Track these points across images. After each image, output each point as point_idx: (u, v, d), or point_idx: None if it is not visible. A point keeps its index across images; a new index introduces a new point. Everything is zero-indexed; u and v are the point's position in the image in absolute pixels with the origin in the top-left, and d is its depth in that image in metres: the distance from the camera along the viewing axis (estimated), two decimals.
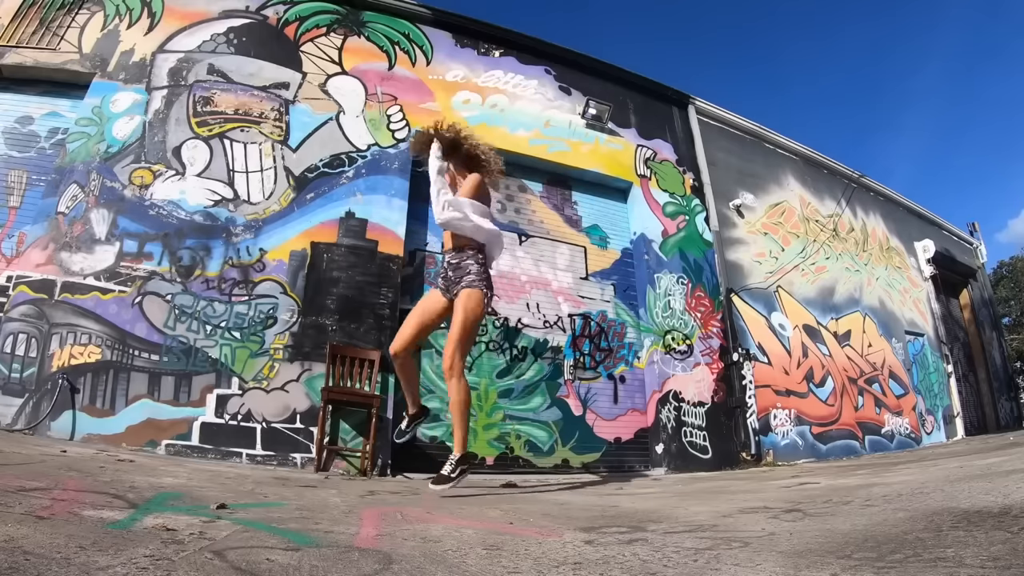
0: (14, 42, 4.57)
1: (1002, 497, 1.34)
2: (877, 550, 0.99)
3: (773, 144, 8.03)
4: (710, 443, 5.49)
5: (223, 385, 4.00)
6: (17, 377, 3.68)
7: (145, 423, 3.75)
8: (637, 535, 1.38)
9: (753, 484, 3.19)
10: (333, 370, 4.14)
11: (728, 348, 6.04)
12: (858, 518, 1.40)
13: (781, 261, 7.19)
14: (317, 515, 1.62)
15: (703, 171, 6.90)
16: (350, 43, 5.43)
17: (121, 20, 4.86)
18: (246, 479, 2.65)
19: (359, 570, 0.96)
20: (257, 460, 3.86)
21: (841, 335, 7.43)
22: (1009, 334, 17.12)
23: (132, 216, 4.25)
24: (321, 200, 4.73)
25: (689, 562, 1.04)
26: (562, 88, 6.35)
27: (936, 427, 8.15)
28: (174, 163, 4.49)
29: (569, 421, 5.10)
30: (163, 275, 4.16)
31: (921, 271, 9.34)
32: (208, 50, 4.93)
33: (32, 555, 0.84)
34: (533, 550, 1.17)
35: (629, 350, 5.70)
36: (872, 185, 9.18)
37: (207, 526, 1.26)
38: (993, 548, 0.87)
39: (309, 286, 4.44)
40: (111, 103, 4.54)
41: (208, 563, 0.92)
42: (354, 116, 5.15)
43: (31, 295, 3.88)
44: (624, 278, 5.99)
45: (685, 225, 6.46)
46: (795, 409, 6.33)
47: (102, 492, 1.62)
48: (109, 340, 3.88)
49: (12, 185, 4.33)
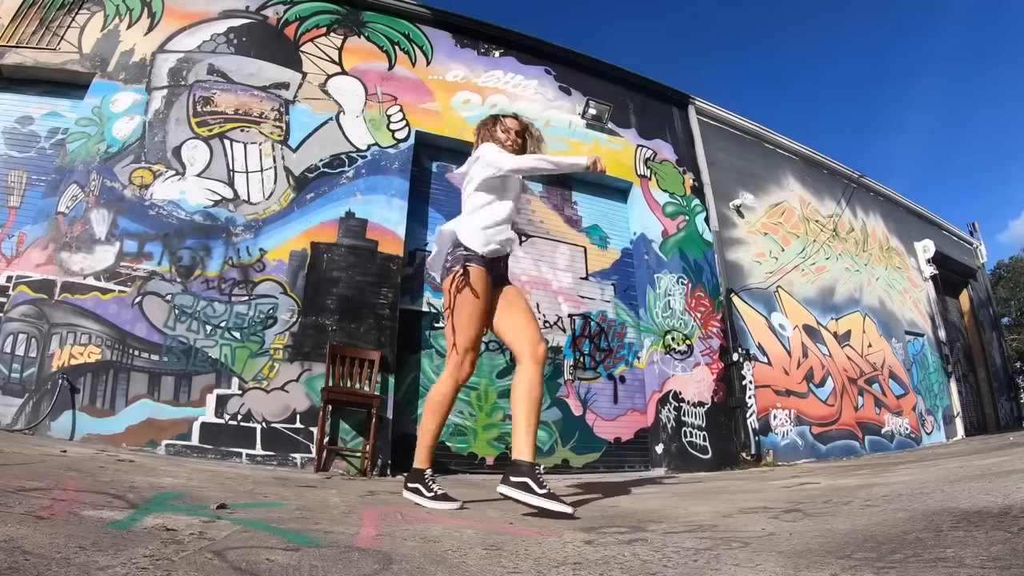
0: (14, 42, 4.57)
1: (1002, 497, 1.34)
2: (877, 550, 0.99)
3: (773, 144, 8.03)
4: (710, 443, 5.49)
5: (223, 385, 4.00)
6: (17, 377, 3.68)
7: (145, 423, 3.75)
8: (637, 535, 1.38)
9: (753, 484, 3.19)
10: (333, 370, 4.14)
11: (728, 348, 6.04)
12: (858, 518, 1.40)
13: (781, 261, 7.19)
14: (317, 515, 1.62)
15: (703, 171, 6.90)
16: (350, 43, 5.43)
17: (121, 20, 4.86)
18: (246, 479, 2.65)
19: (359, 570, 0.96)
20: (257, 460, 3.86)
21: (841, 335, 7.43)
22: (1009, 334, 17.13)
23: (132, 216, 4.25)
24: (321, 200, 4.73)
25: (689, 562, 1.04)
26: (562, 88, 6.35)
27: (936, 427, 8.15)
28: (174, 163, 4.49)
29: (569, 421, 5.10)
30: (163, 275, 4.16)
31: (921, 271, 9.33)
32: (208, 50, 4.93)
33: (32, 555, 0.84)
34: (533, 550, 1.17)
35: (629, 350, 5.70)
36: (872, 185, 9.19)
37: (207, 526, 1.26)
38: (993, 548, 0.87)
39: (309, 286, 4.44)
40: (111, 103, 4.54)
41: (208, 563, 0.92)
42: (354, 116, 5.15)
43: (31, 295, 3.87)
44: (624, 278, 5.99)
45: (685, 225, 6.46)
46: (795, 409, 6.33)
47: (102, 492, 1.62)
48: (109, 340, 3.88)
49: (12, 185, 4.33)
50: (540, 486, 1.93)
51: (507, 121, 2.57)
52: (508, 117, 2.60)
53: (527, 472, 1.98)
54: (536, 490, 1.92)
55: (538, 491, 1.92)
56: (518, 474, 1.99)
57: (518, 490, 1.96)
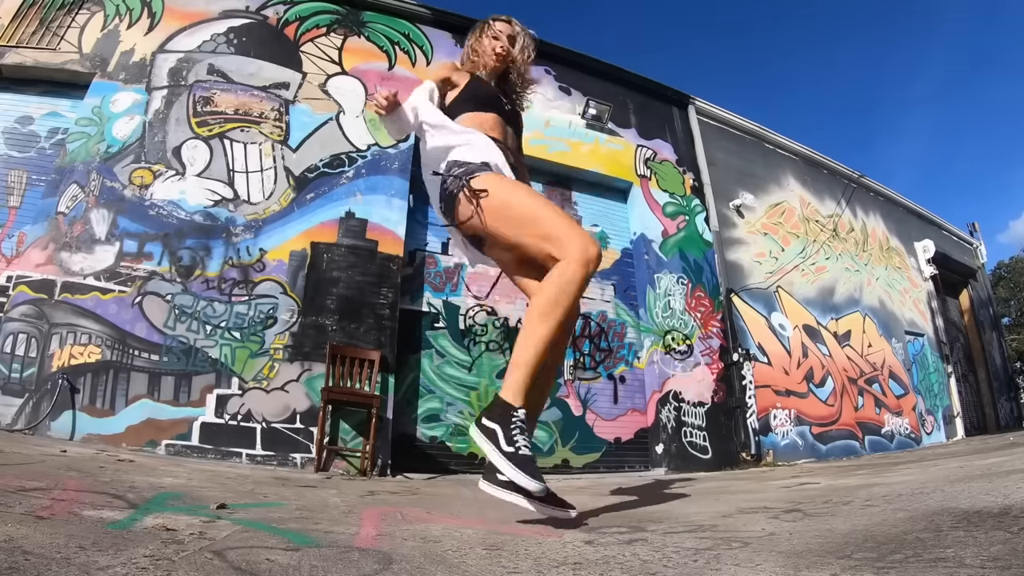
0: (14, 42, 4.57)
1: (1002, 497, 1.34)
2: (877, 550, 0.99)
3: (773, 144, 8.03)
4: (710, 443, 5.49)
5: (223, 385, 4.00)
6: (17, 377, 3.68)
7: (145, 423, 3.75)
8: (637, 535, 1.38)
9: (753, 484, 3.18)
10: (333, 370, 4.14)
11: (728, 348, 6.04)
12: (858, 518, 1.40)
13: (781, 261, 7.19)
14: (317, 515, 1.62)
15: (703, 171, 6.91)
16: (350, 43, 5.43)
17: (121, 20, 4.86)
18: (246, 479, 2.65)
19: (359, 570, 0.96)
20: (257, 460, 3.86)
21: (841, 335, 7.43)
22: (1009, 334, 17.13)
23: (132, 216, 4.25)
24: (321, 200, 4.73)
25: (689, 562, 1.03)
26: (562, 88, 6.35)
27: (936, 427, 8.15)
28: (174, 163, 4.49)
29: (569, 421, 5.10)
30: (163, 275, 4.16)
31: (921, 271, 9.34)
32: (208, 50, 4.93)
33: (32, 555, 0.84)
34: (533, 550, 1.17)
35: (629, 350, 5.70)
36: (872, 185, 9.19)
37: (207, 526, 1.26)
38: (993, 548, 0.87)
39: (309, 286, 4.44)
40: (111, 103, 4.55)
41: (208, 563, 0.92)
42: (354, 116, 5.15)
43: (31, 295, 3.88)
44: (624, 278, 5.99)
45: (685, 225, 6.46)
46: (795, 409, 6.33)
47: (102, 492, 1.62)
48: (109, 340, 3.88)
49: (12, 185, 4.33)
50: (510, 440, 1.40)
51: (497, 25, 2.04)
52: (500, 20, 2.06)
53: (499, 415, 1.45)
54: (502, 444, 1.40)
55: (504, 446, 1.40)
56: (491, 416, 1.47)
57: (484, 438, 1.45)
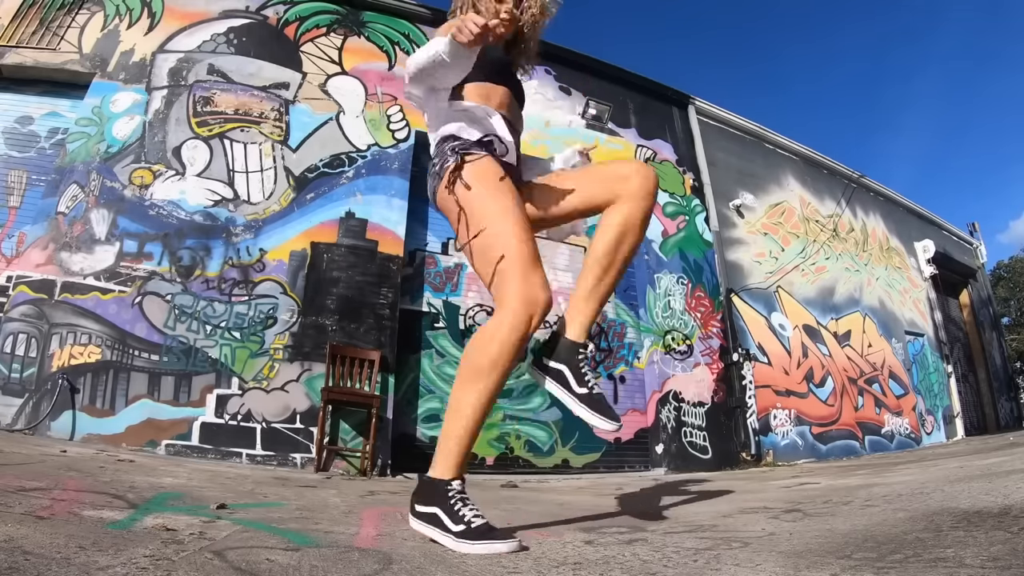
0: (14, 42, 4.57)
1: (1002, 497, 1.34)
2: (877, 550, 0.99)
3: (773, 144, 8.03)
4: (710, 443, 5.49)
5: (223, 385, 4.00)
6: (17, 377, 3.68)
7: (145, 423, 3.75)
8: (637, 535, 1.38)
9: (753, 484, 3.19)
10: (333, 370, 4.14)
11: (728, 348, 6.04)
12: (858, 518, 1.40)
13: (781, 261, 7.19)
14: (317, 515, 1.62)
15: (703, 171, 6.91)
16: (350, 43, 5.43)
17: (121, 20, 4.86)
18: (246, 479, 2.65)
19: (359, 570, 0.96)
20: (257, 460, 3.86)
21: (841, 335, 7.43)
22: (1009, 334, 17.12)
23: (132, 216, 4.25)
24: (321, 200, 4.73)
25: (689, 562, 1.03)
26: (562, 88, 6.35)
27: (936, 427, 8.15)
28: (174, 163, 4.49)
29: (569, 421, 5.09)
30: (163, 275, 4.16)
31: (921, 271, 9.34)
32: (208, 50, 4.93)
33: (32, 555, 0.84)
34: (533, 550, 1.17)
35: (629, 350, 5.70)
36: (872, 185, 9.19)
37: (207, 526, 1.26)
38: (993, 548, 0.87)
39: (309, 286, 4.44)
40: (111, 103, 4.54)
41: (208, 563, 0.92)
42: (354, 116, 5.15)
43: (31, 295, 3.87)
44: (624, 278, 5.97)
45: (685, 225, 6.46)
46: (795, 409, 6.33)
47: (102, 492, 1.62)
48: (109, 340, 3.88)
49: (12, 185, 4.33)
50: (456, 519, 1.18)
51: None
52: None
53: (433, 497, 1.23)
54: (450, 526, 1.18)
55: (453, 527, 1.18)
56: (422, 500, 1.25)
57: (427, 525, 1.22)
